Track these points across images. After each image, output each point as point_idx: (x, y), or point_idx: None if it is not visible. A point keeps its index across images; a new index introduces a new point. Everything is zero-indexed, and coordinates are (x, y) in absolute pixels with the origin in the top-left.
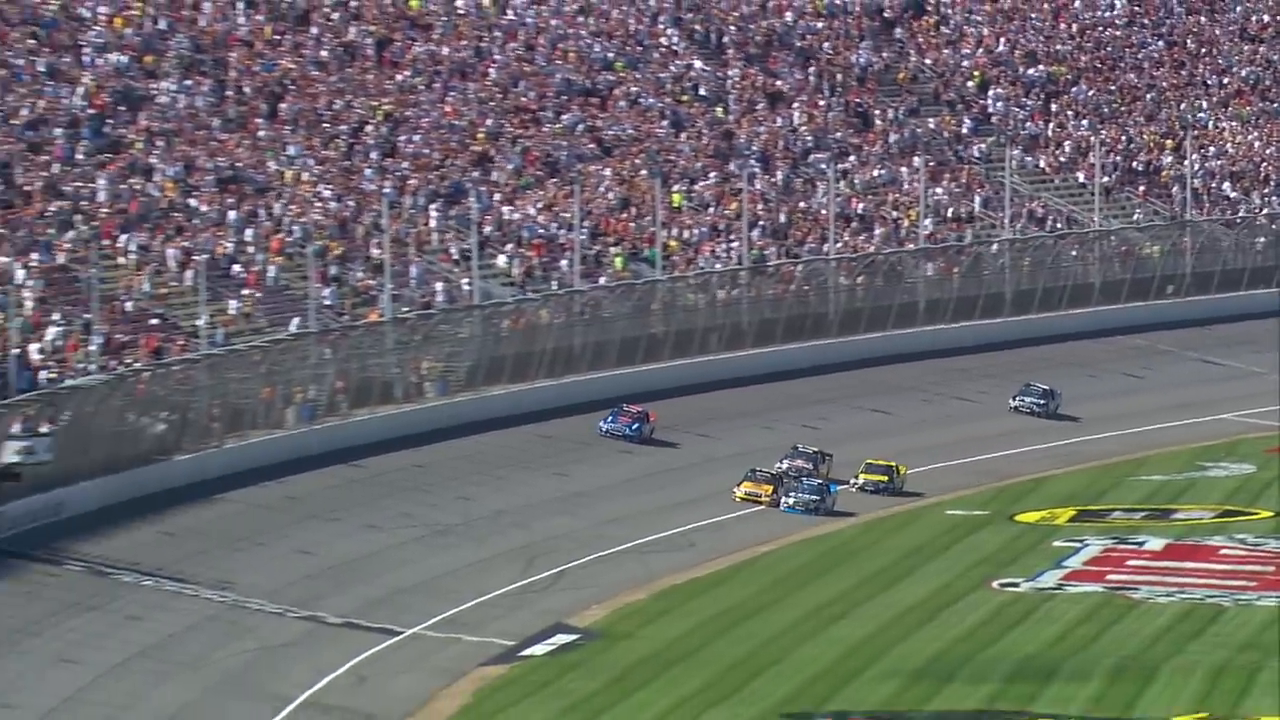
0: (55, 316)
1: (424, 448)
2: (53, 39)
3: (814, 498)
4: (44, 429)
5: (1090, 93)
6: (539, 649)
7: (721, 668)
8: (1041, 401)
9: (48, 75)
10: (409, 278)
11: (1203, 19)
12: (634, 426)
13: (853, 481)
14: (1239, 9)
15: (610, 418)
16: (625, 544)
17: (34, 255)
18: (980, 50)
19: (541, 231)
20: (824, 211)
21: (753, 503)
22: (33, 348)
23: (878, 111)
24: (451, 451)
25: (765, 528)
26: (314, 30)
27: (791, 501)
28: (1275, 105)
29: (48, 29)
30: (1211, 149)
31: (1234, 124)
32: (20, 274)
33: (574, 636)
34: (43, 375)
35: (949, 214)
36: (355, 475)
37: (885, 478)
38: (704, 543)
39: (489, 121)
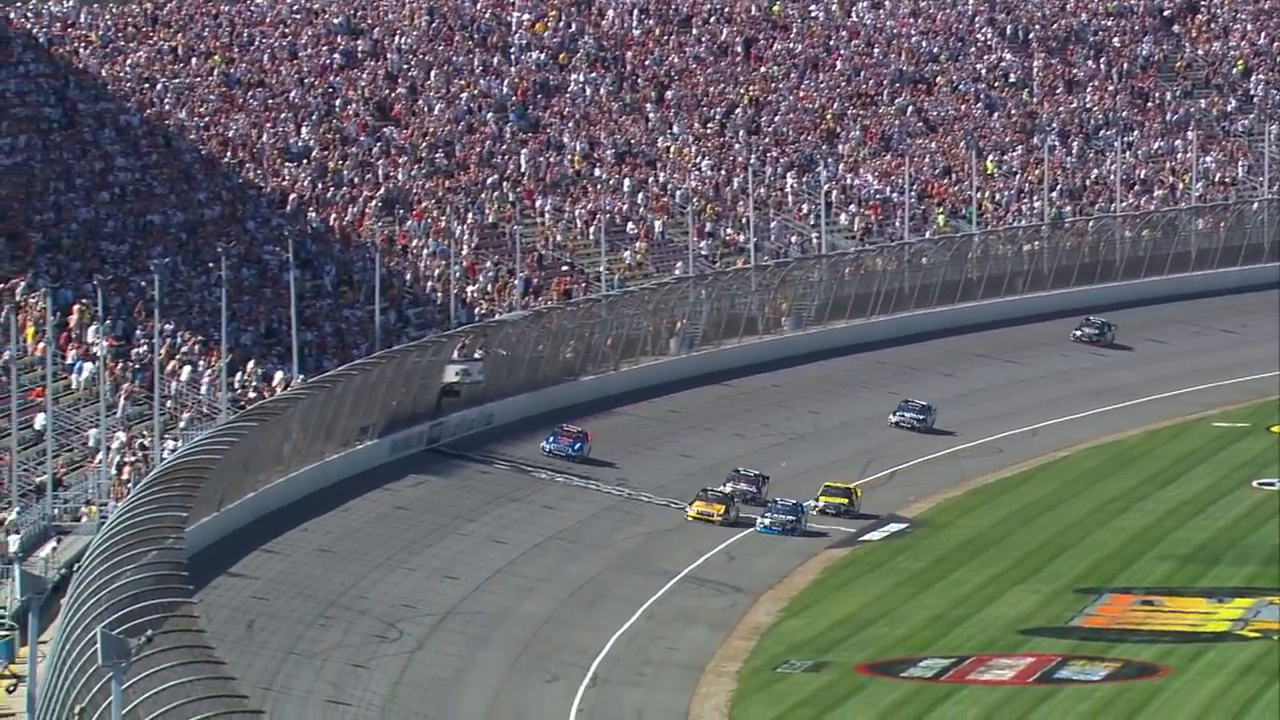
0: (486, 264)
1: (780, 370)
2: (486, 40)
3: (790, 518)
4: (477, 355)
5: None
6: (875, 535)
7: (1024, 551)
8: (920, 416)
9: (482, 69)
10: (769, 232)
11: None
12: (575, 446)
13: (813, 504)
14: None
15: (552, 438)
16: (945, 450)
17: (470, 215)
18: (1244, 42)
19: (878, 194)
20: (1111, 176)
21: (706, 521)
22: (469, 289)
23: (1157, 94)
24: (803, 374)
25: (1061, 438)
26: (694, 31)
27: (768, 522)
28: None
29: (482, 33)
30: None
31: None
32: (459, 229)
33: (904, 525)
34: (476, 311)
35: (1216, 178)
36: (725, 393)
37: (845, 500)
38: (1010, 449)
39: (835, 104)
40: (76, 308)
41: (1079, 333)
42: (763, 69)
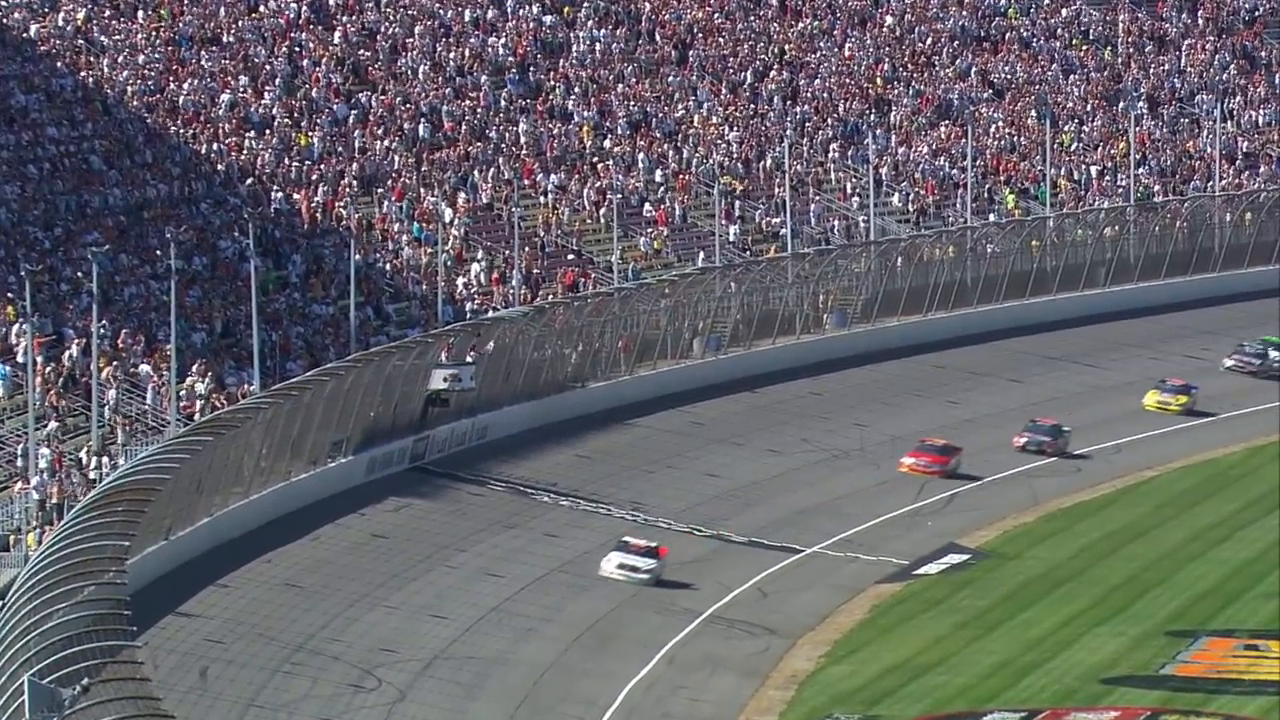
0: (479, 253)
1: (822, 376)
2: None
3: None
4: (468, 358)
5: None
6: (932, 568)
7: (1108, 587)
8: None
9: (473, 26)
10: (808, 215)
11: None
12: None
13: None
14: None
15: None
16: (1014, 469)
17: (460, 195)
18: None
19: (935, 171)
20: (1209, 150)
21: None
22: (459, 281)
23: (1263, 52)
24: (848, 380)
25: (1149, 454)
26: None
27: None
28: None
29: None
30: None
31: None
32: (447, 212)
33: (965, 556)
34: (468, 308)
35: None
36: (757, 402)
37: None
38: (1090, 467)
39: (885, 66)
40: None
41: None
42: (801, 25)
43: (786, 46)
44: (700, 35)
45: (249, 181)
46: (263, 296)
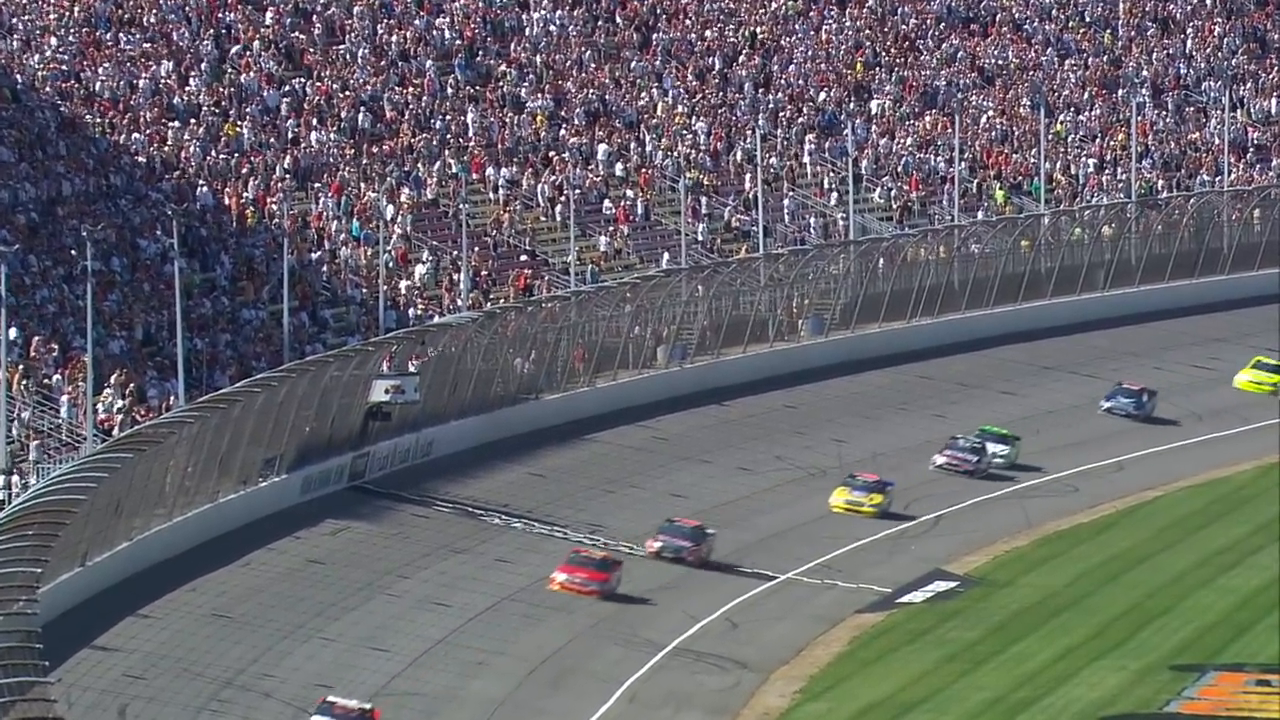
0: (424, 253)
1: (797, 388)
2: None
3: None
4: (412, 367)
5: None
6: (916, 596)
7: (1108, 617)
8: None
9: (417, 5)
10: (782, 212)
11: None
12: None
13: None
14: None
15: None
16: (1005, 488)
17: (403, 190)
18: None
19: (919, 164)
20: (1217, 142)
21: None
22: (401, 284)
23: (1275, 36)
24: (826, 392)
25: (1153, 473)
26: None
27: None
28: None
29: None
30: None
31: None
32: (390, 209)
33: (953, 584)
34: (411, 313)
35: None
36: (727, 416)
37: None
38: (1088, 488)
39: (866, 51)
40: None
41: None
42: (774, 5)
43: (758, 29)
44: (664, 17)
45: (173, 175)
46: (188, 301)
